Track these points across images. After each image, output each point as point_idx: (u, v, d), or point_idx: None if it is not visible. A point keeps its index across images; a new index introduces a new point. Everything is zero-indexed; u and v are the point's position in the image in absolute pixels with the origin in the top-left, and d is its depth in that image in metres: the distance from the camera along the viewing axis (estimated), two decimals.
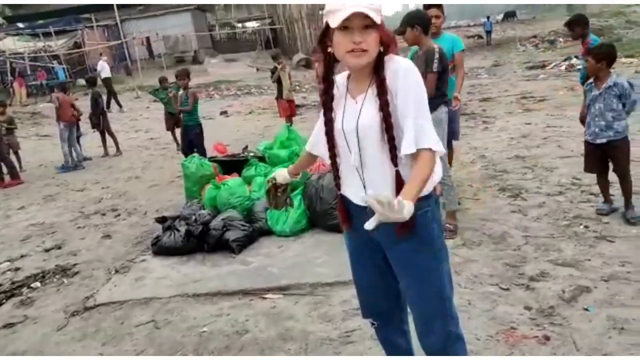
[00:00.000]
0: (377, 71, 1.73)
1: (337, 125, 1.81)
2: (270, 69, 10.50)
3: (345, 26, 1.63)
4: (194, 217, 4.51)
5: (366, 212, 1.76)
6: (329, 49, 1.75)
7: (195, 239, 4.30)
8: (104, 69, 17.82)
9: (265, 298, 3.44)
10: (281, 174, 2.23)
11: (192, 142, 7.01)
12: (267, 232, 4.53)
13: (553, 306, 2.94)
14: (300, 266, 3.84)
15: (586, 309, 2.87)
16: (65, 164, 9.10)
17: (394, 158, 1.71)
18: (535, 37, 26.80)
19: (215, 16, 35.75)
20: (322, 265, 3.80)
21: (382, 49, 1.70)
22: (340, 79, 1.87)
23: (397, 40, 1.75)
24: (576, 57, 16.93)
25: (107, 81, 17.46)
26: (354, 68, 1.73)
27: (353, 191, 1.85)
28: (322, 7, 1.76)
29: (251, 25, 38.33)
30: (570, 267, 3.38)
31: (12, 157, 9.04)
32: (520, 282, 3.26)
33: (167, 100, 9.69)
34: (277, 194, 2.26)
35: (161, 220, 4.90)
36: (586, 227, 3.98)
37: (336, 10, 1.63)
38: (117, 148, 10.14)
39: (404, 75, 1.69)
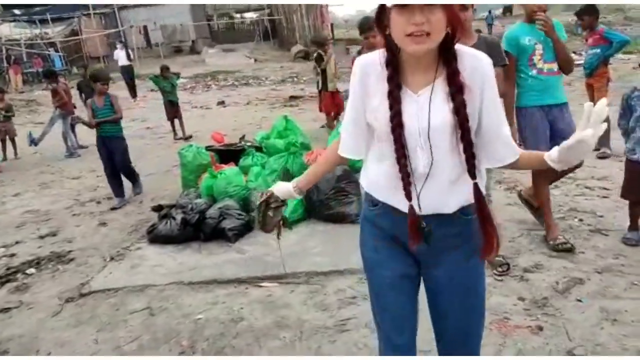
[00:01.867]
0: (446, 61, 1.45)
1: (401, 118, 1.48)
2: (313, 57, 8.86)
3: (403, 4, 1.36)
4: (190, 206, 4.50)
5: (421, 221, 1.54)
6: (388, 31, 1.45)
7: (192, 228, 4.30)
8: (119, 57, 17.11)
9: (261, 286, 3.45)
10: (283, 190, 1.82)
11: (113, 156, 5.80)
12: None
13: (546, 297, 2.96)
14: (296, 255, 3.85)
15: (579, 300, 2.90)
16: (37, 140, 9.02)
17: (472, 169, 1.48)
18: None
19: (214, 6, 35.52)
20: (318, 255, 3.82)
21: (449, 31, 1.41)
22: (372, 61, 1.55)
23: (464, 24, 1.49)
24: (574, 52, 16.94)
25: (123, 69, 16.66)
26: (414, 55, 1.44)
27: (399, 200, 1.55)
28: None
29: (249, 15, 38.13)
30: (564, 259, 3.41)
31: (8, 144, 9.02)
32: (514, 274, 3.28)
33: (169, 89, 9.62)
34: (268, 213, 1.79)
35: (157, 208, 4.90)
36: (580, 220, 4.01)
37: None
38: None
39: (490, 77, 1.48)
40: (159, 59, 25.83)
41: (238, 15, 37.55)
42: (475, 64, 1.46)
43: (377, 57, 1.53)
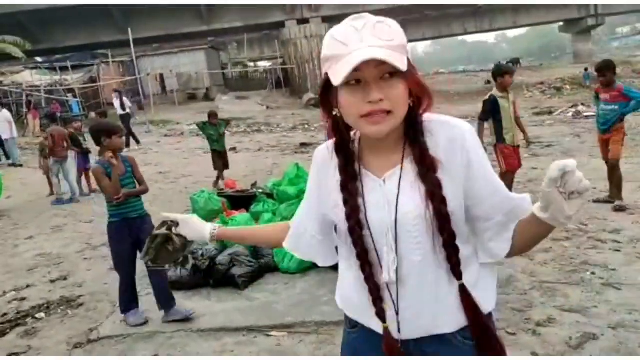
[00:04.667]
0: (411, 137, 1.18)
1: (358, 215, 1.21)
2: (485, 99, 5.53)
3: (356, 79, 1.10)
4: (200, 252, 4.53)
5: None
6: (335, 111, 1.18)
7: (202, 274, 4.32)
8: (117, 107, 17.23)
9: (270, 335, 3.42)
10: (195, 228, 1.49)
11: (140, 241, 3.67)
12: (273, 269, 4.54)
13: (560, 352, 2.91)
14: (305, 304, 3.83)
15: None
16: (72, 195, 9.20)
17: (455, 267, 1.16)
18: (542, 83, 27.20)
19: (229, 55, 36.66)
20: (327, 304, 3.79)
21: (411, 103, 1.15)
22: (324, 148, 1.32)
23: (431, 92, 1.17)
24: (582, 104, 17.13)
25: (121, 118, 16.54)
26: (375, 137, 1.16)
27: (375, 321, 1.24)
28: None
29: (263, 64, 39.27)
30: (577, 313, 3.36)
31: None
32: (527, 327, 3.23)
33: (215, 137, 8.87)
34: (167, 247, 1.43)
35: None
36: (593, 273, 3.97)
37: (337, 57, 1.09)
38: None
39: (474, 146, 1.17)
40: (173, 105, 26.50)
41: (252, 64, 38.65)
42: (451, 133, 1.18)
43: (328, 145, 1.29)
